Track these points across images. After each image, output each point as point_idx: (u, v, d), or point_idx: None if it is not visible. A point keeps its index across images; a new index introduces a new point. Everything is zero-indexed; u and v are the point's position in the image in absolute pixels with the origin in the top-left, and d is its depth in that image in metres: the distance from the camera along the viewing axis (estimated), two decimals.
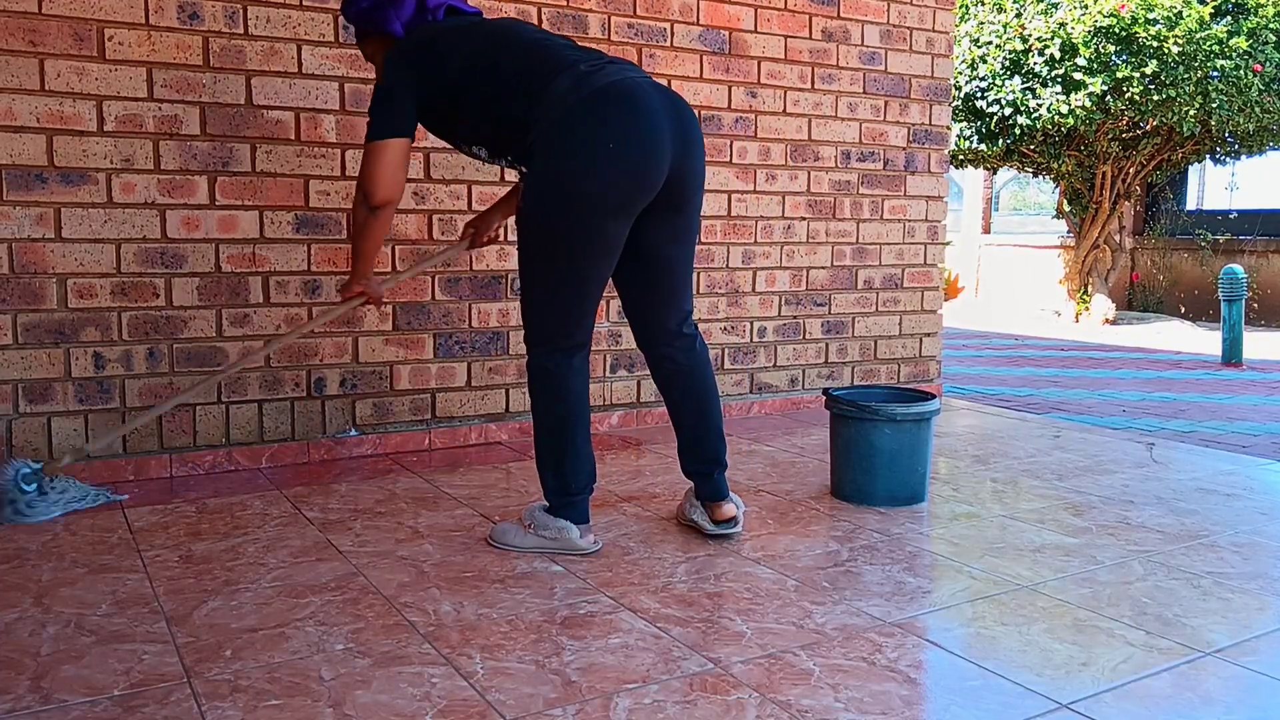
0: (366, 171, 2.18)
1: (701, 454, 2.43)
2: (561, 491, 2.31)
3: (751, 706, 1.61)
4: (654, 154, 2.07)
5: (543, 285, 2.20)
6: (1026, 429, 3.93)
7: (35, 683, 1.67)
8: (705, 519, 2.44)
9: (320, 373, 3.21)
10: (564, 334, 2.24)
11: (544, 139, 2.06)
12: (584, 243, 2.11)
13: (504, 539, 2.36)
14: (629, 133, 2.04)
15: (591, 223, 2.09)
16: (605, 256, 2.17)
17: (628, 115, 2.05)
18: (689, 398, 2.41)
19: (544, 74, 2.09)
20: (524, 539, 2.34)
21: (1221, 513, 2.75)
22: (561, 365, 2.25)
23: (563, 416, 2.27)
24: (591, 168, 2.04)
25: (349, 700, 1.62)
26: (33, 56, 2.75)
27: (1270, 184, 10.06)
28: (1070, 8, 8.06)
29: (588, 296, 2.21)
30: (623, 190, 2.08)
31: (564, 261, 2.15)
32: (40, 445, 2.85)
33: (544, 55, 2.14)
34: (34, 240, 2.80)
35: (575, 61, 2.10)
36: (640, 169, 2.07)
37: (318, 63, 3.11)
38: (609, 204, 2.08)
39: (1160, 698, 1.67)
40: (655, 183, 2.11)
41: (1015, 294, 11.02)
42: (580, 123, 2.03)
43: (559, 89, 2.06)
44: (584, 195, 2.06)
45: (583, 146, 2.03)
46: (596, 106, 2.04)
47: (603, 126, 2.03)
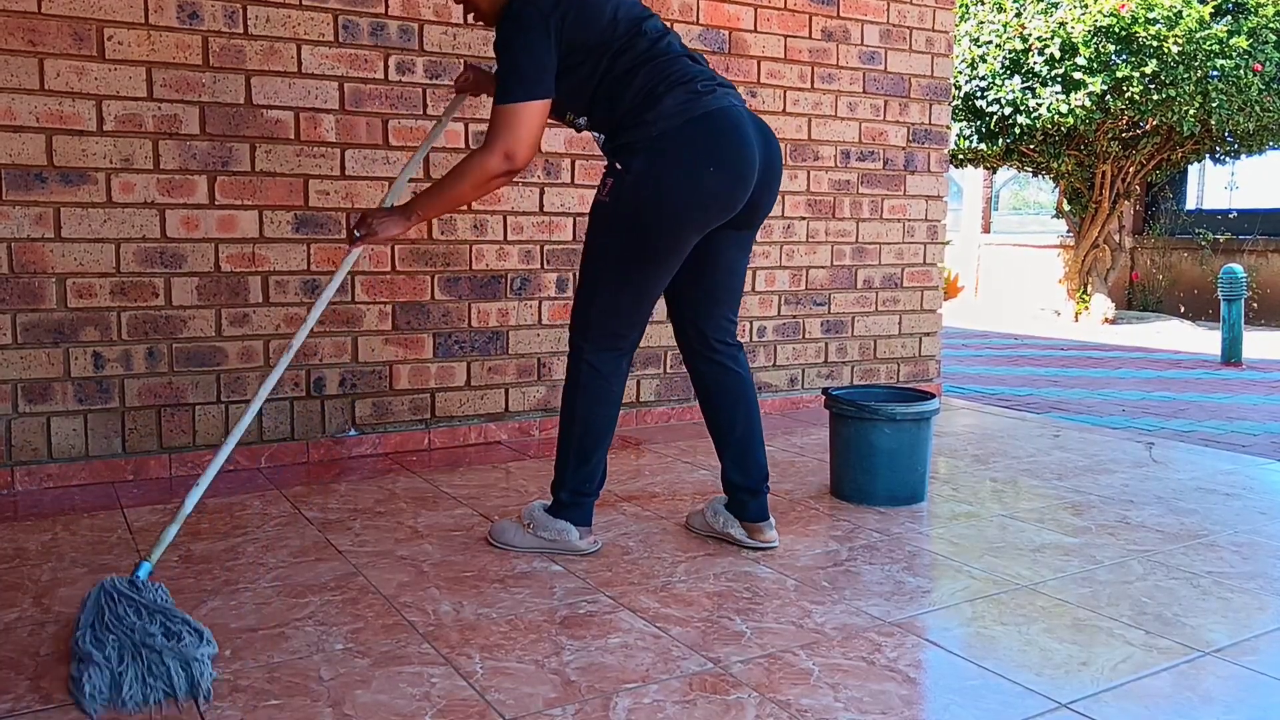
0: (516, 134, 2.05)
1: (751, 468, 2.38)
2: (576, 491, 2.30)
3: (751, 706, 1.61)
4: (745, 182, 2.16)
5: (613, 282, 2.22)
6: (1026, 429, 3.93)
7: (35, 683, 1.67)
8: (743, 534, 2.39)
9: (320, 372, 3.21)
10: (621, 334, 2.26)
11: (651, 143, 2.11)
12: (666, 248, 2.17)
13: (503, 538, 2.37)
14: (730, 160, 2.12)
15: (678, 231, 2.15)
16: (672, 265, 2.22)
17: (732, 143, 2.12)
18: (741, 405, 2.39)
19: (667, 79, 2.13)
20: (523, 539, 2.34)
21: (1221, 512, 2.75)
22: (610, 365, 2.27)
23: (603, 418, 2.29)
24: (692, 183, 2.11)
25: (349, 700, 1.62)
26: (32, 56, 2.75)
27: (1270, 183, 10.06)
28: (1070, 7, 8.06)
29: (650, 300, 2.26)
30: (711, 209, 2.15)
31: (642, 262, 2.18)
32: (39, 445, 2.85)
33: (669, 58, 2.16)
34: (33, 240, 2.80)
35: (694, 76, 2.15)
36: (730, 194, 2.16)
37: (317, 62, 3.11)
38: (694, 219, 2.15)
39: (1160, 697, 1.67)
40: (737, 207, 2.19)
41: (1015, 293, 11.02)
42: (691, 140, 2.10)
43: (676, 100, 2.10)
44: (679, 205, 2.12)
45: (689, 162, 2.10)
46: (709, 129, 2.11)
47: (710, 149, 2.11)
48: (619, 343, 2.27)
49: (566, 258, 3.59)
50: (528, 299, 3.53)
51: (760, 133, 2.19)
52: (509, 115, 2.06)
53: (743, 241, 2.32)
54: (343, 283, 3.20)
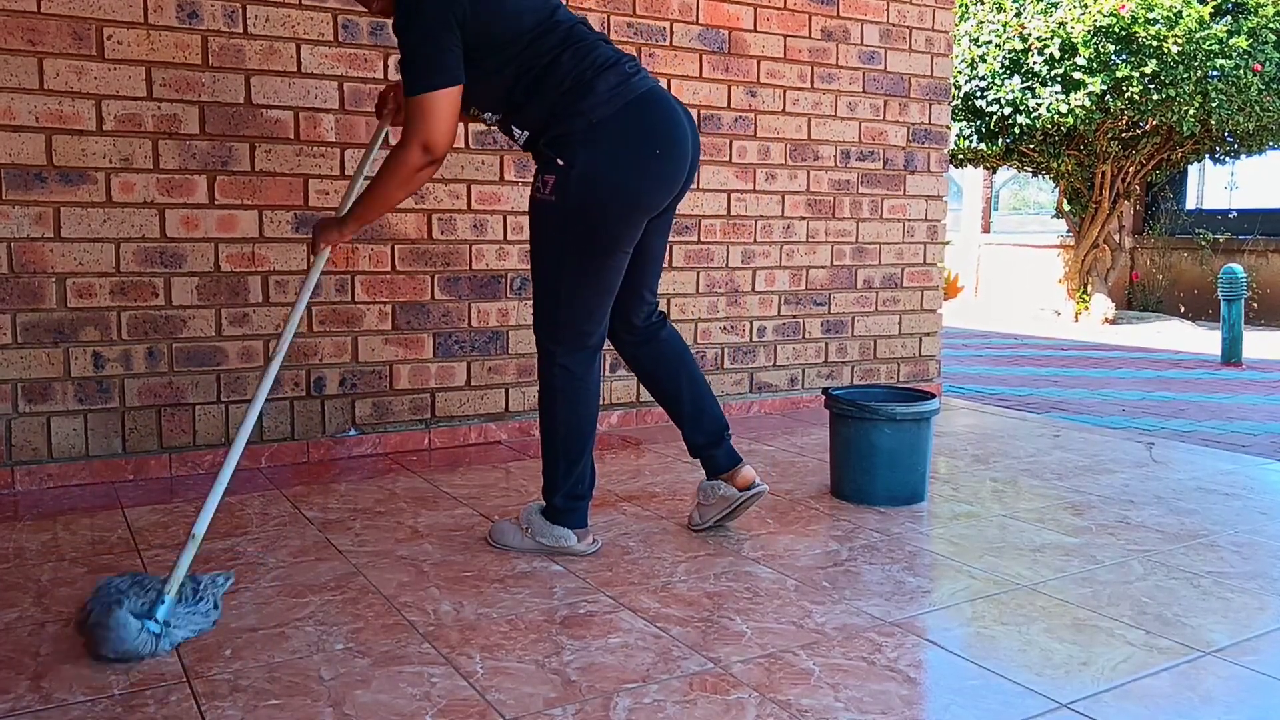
0: (430, 124, 2.01)
1: (707, 422, 2.42)
2: (570, 495, 2.30)
3: (751, 706, 1.61)
4: (685, 161, 2.18)
5: (572, 280, 2.18)
6: (1026, 428, 3.93)
7: (35, 682, 1.67)
8: (733, 491, 2.42)
9: (320, 372, 3.21)
10: (587, 331, 2.23)
11: (591, 132, 2.06)
12: (621, 237, 2.16)
13: (503, 540, 2.36)
14: (671, 140, 2.13)
15: (631, 219, 2.14)
16: (629, 249, 2.21)
17: (669, 124, 2.13)
18: (682, 368, 2.43)
19: (594, 64, 2.09)
20: (522, 543, 2.33)
21: (1221, 512, 2.75)
22: (583, 365, 2.24)
23: (584, 418, 2.27)
24: (637, 168, 2.10)
25: (349, 700, 1.62)
26: (32, 56, 2.75)
27: (1270, 183, 10.06)
28: (1070, 7, 8.06)
29: (612, 291, 2.23)
30: (659, 192, 2.16)
31: (600, 256, 2.16)
32: (40, 445, 2.85)
33: (589, 43, 2.12)
34: (33, 240, 2.79)
35: (619, 59, 2.13)
36: (675, 175, 2.17)
37: (317, 62, 3.11)
38: (646, 203, 2.15)
39: (1160, 697, 1.67)
40: (678, 188, 2.21)
41: (1015, 293, 11.02)
42: (631, 125, 2.08)
43: (608, 85, 2.07)
44: (630, 192, 2.11)
45: (631, 146, 2.09)
46: (645, 111, 2.10)
47: (651, 132, 2.10)
48: (588, 340, 2.24)
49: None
50: (528, 299, 3.53)
51: (685, 113, 2.19)
52: (420, 106, 2.01)
53: (663, 226, 2.31)
54: (342, 283, 3.20)
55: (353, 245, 3.21)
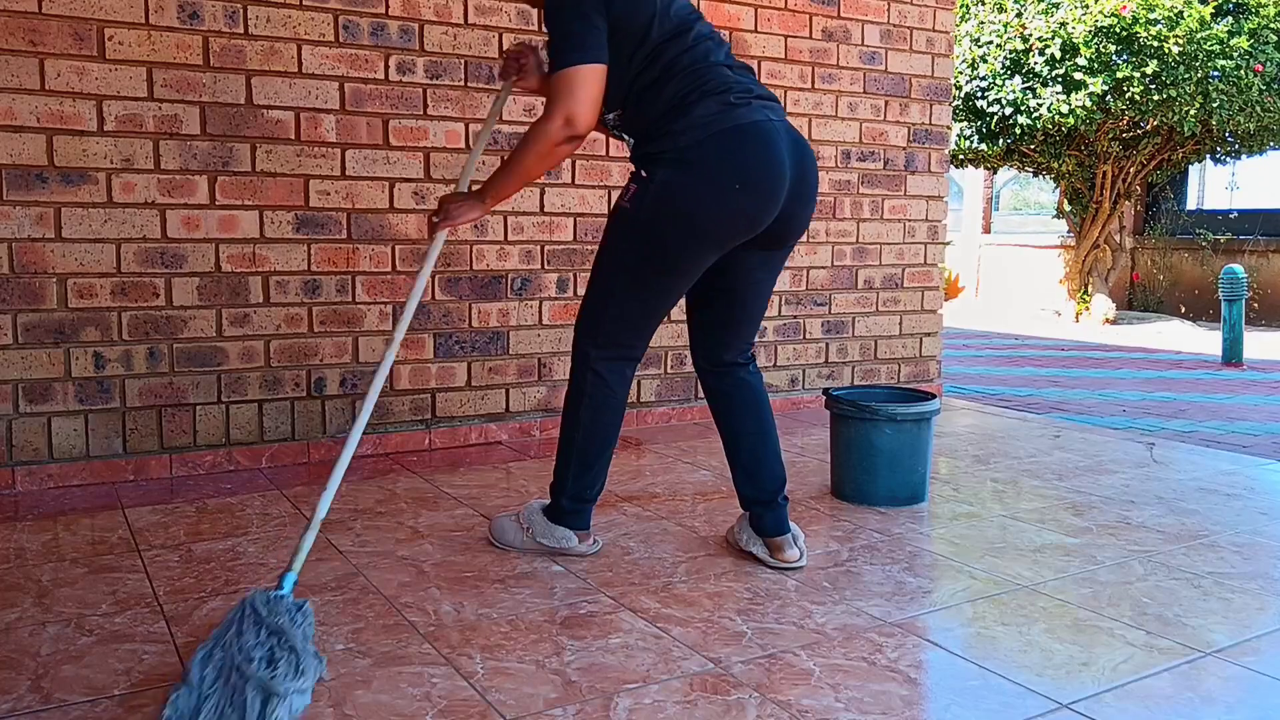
0: (576, 96, 1.97)
1: (763, 479, 2.28)
2: (576, 496, 2.28)
3: (751, 706, 1.61)
4: (771, 201, 2.08)
5: (625, 288, 2.16)
6: (1027, 429, 3.93)
7: (36, 683, 1.67)
8: (765, 553, 2.28)
9: (320, 373, 3.21)
10: (629, 344, 2.22)
11: (675, 153, 2.04)
12: (680, 262, 2.11)
13: (503, 538, 2.36)
14: (757, 178, 2.04)
15: (693, 247, 2.08)
16: (689, 279, 2.16)
17: (760, 160, 2.04)
18: (751, 417, 2.30)
19: (700, 88, 2.05)
20: (523, 542, 2.33)
21: (1222, 513, 2.75)
22: (614, 373, 2.21)
23: (607, 426, 2.24)
24: (713, 199, 2.03)
25: (349, 700, 1.62)
26: (33, 56, 2.75)
27: (1270, 184, 10.05)
28: (1071, 7, 8.06)
29: (661, 313, 2.21)
30: (731, 228, 2.08)
31: (658, 274, 2.13)
32: (40, 445, 2.85)
33: (705, 66, 2.07)
34: (34, 240, 2.80)
35: (729, 87, 2.06)
36: (753, 213, 2.07)
37: (318, 63, 3.11)
38: (716, 236, 2.08)
39: (1161, 698, 1.66)
40: (760, 227, 2.10)
41: (1015, 294, 11.02)
42: (718, 154, 2.02)
43: (707, 111, 2.03)
44: (698, 221, 2.05)
45: (712, 176, 2.02)
46: (737, 143, 2.03)
47: (738, 165, 2.03)
48: (627, 352, 2.22)
49: (567, 258, 3.59)
50: (528, 299, 3.53)
51: (795, 150, 2.09)
52: (567, 79, 1.98)
53: (770, 262, 2.24)
54: (343, 283, 3.21)
55: (354, 246, 3.21)
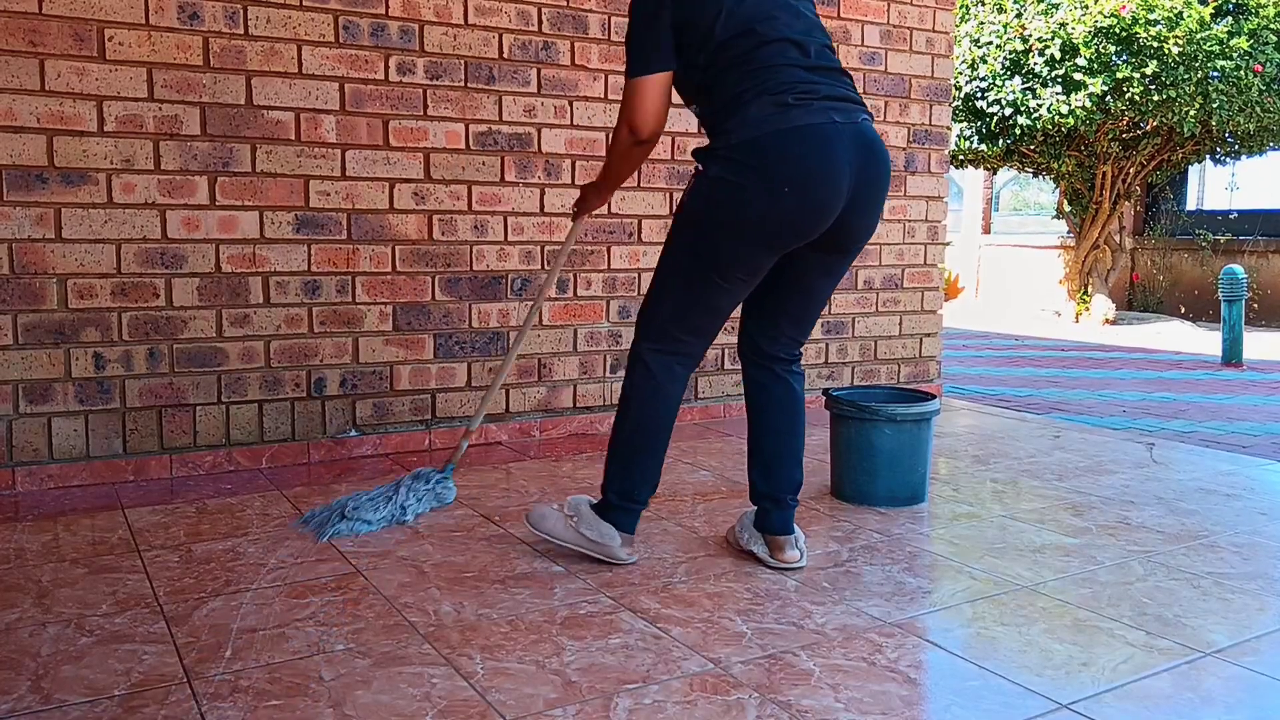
0: (635, 107, 2.09)
1: (780, 477, 2.27)
2: (624, 494, 2.22)
3: (751, 706, 1.61)
4: (823, 207, 2.03)
5: (677, 284, 2.14)
6: (1026, 429, 3.93)
7: (35, 683, 1.67)
8: (765, 552, 2.28)
9: (320, 373, 3.21)
10: (682, 341, 2.18)
11: (727, 151, 2.03)
12: (728, 262, 2.08)
13: (543, 525, 2.30)
14: (807, 182, 2.00)
15: (740, 248, 2.06)
16: (747, 281, 2.13)
17: (813, 165, 2.00)
18: (784, 414, 2.29)
19: (758, 85, 2.02)
20: (564, 531, 2.26)
21: (1221, 513, 2.75)
22: (663, 368, 2.19)
23: (655, 420, 2.20)
24: (761, 201, 2.00)
25: (349, 700, 1.62)
26: (33, 57, 2.76)
27: (1270, 184, 10.06)
28: (1071, 8, 8.06)
29: (717, 316, 2.17)
30: (780, 232, 2.05)
31: (710, 271, 2.10)
32: (40, 445, 2.85)
33: (770, 65, 2.04)
34: (34, 240, 2.80)
35: (789, 87, 2.01)
36: (803, 218, 2.04)
37: (318, 63, 3.11)
38: (764, 239, 2.05)
39: (1160, 698, 1.67)
40: (814, 233, 2.07)
41: (1015, 294, 11.02)
42: (766, 154, 1.99)
43: (761, 111, 2.00)
44: (744, 222, 2.03)
45: (760, 178, 1.99)
46: (788, 145, 1.99)
47: (785, 167, 1.99)
48: (679, 348, 2.18)
49: (567, 258, 3.59)
50: (528, 300, 3.53)
51: (860, 154, 2.04)
52: (629, 90, 2.10)
53: (830, 267, 2.20)
54: (343, 283, 3.21)
55: (354, 246, 3.21)
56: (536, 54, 3.46)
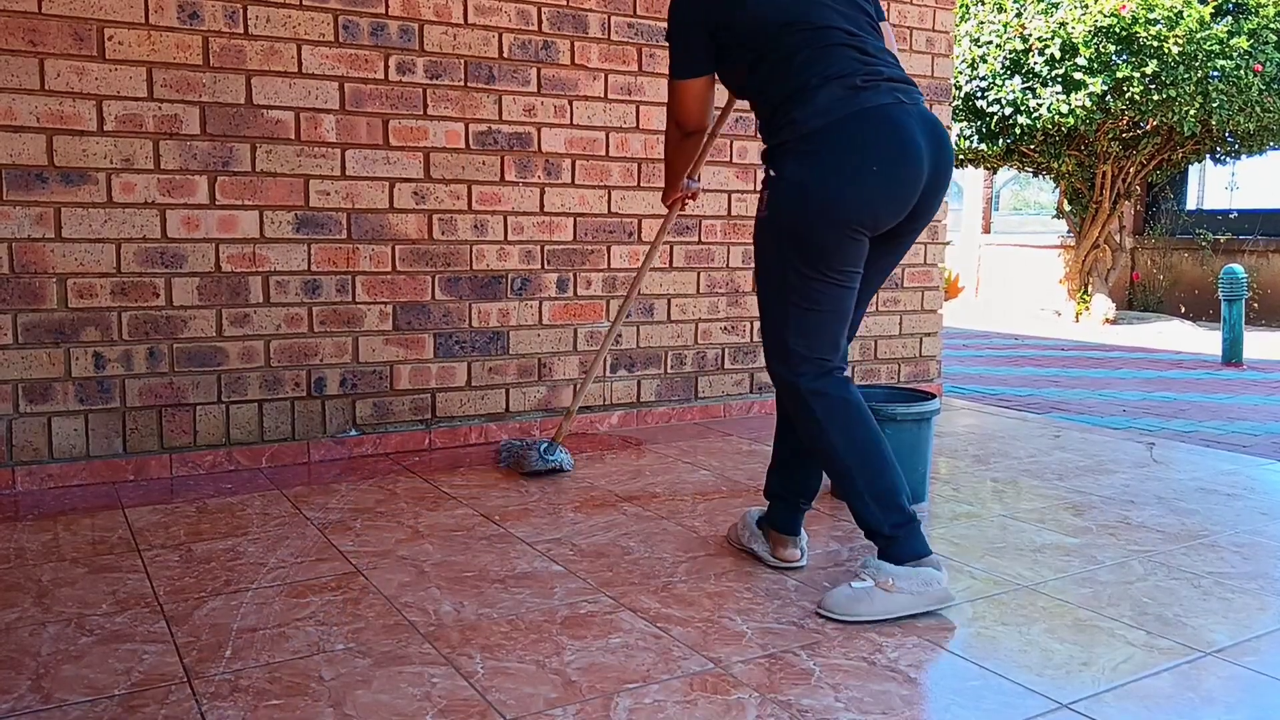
0: (677, 106, 2.23)
1: (799, 478, 2.22)
2: (896, 524, 1.98)
3: (752, 706, 1.61)
4: (914, 180, 1.98)
5: (796, 303, 2.00)
6: (1027, 429, 3.93)
7: (36, 683, 1.67)
8: (766, 551, 2.25)
9: (320, 373, 3.21)
10: (824, 358, 2.03)
11: (799, 143, 1.95)
12: (838, 257, 1.98)
13: (856, 610, 1.95)
14: (892, 157, 1.94)
15: (845, 237, 1.96)
16: (856, 267, 2.02)
17: (893, 141, 1.94)
18: None
19: (823, 72, 1.95)
20: (891, 604, 1.94)
21: (1222, 513, 2.75)
22: (836, 385, 2.03)
23: (863, 430, 2.02)
24: (850, 184, 1.93)
25: (349, 700, 1.62)
26: (33, 56, 2.75)
27: (1270, 184, 10.05)
28: (1070, 7, 8.06)
29: (844, 311, 2.05)
30: (879, 211, 1.98)
31: (817, 276, 1.98)
32: (40, 445, 2.85)
33: (829, 49, 1.98)
34: (34, 240, 2.80)
35: (853, 71, 1.96)
36: (897, 194, 1.98)
37: (318, 63, 3.11)
38: (864, 221, 1.97)
39: (1161, 698, 1.66)
40: (906, 208, 2.01)
41: (1015, 294, 11.02)
42: (843, 139, 1.93)
43: (830, 96, 1.94)
44: (840, 209, 1.94)
45: (842, 162, 1.93)
46: (864, 126, 1.93)
47: (869, 146, 1.93)
48: (828, 364, 2.04)
49: (567, 258, 3.59)
50: (528, 299, 3.53)
51: (929, 133, 1.99)
52: (671, 91, 2.23)
53: (890, 255, 2.14)
54: (343, 283, 3.21)
55: (354, 246, 3.21)
56: (536, 53, 3.46)
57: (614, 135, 3.63)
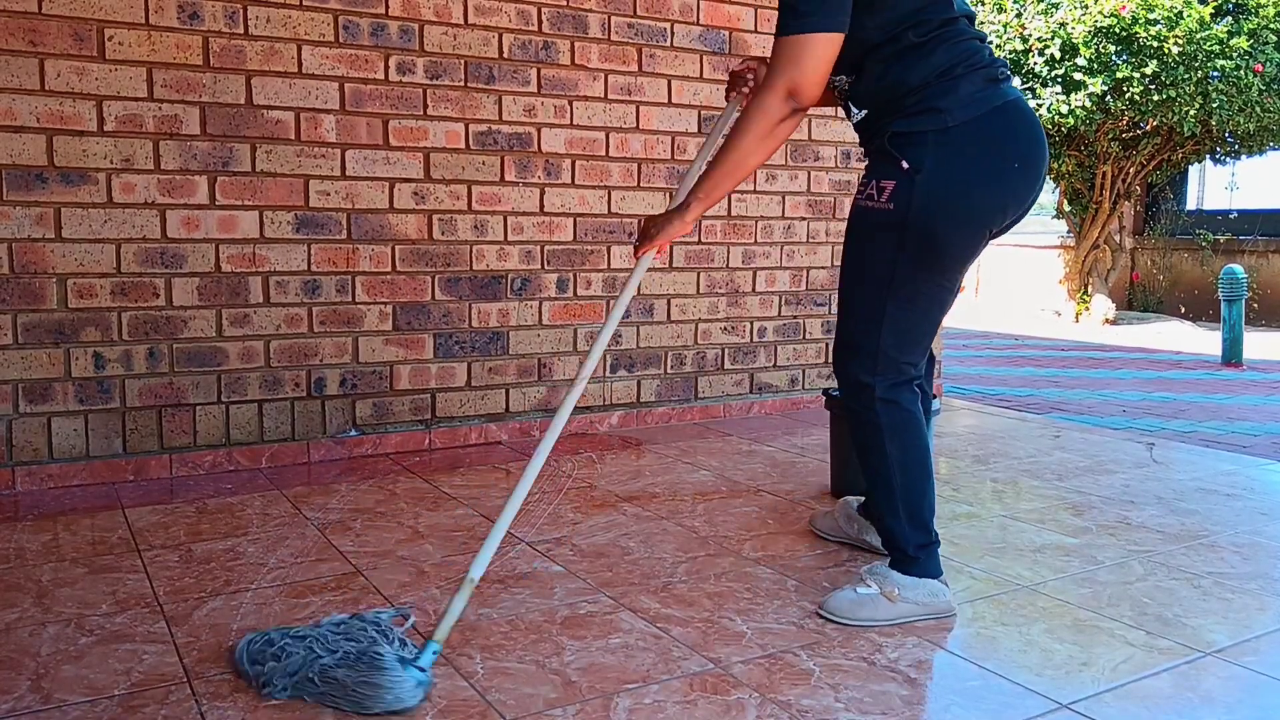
0: (800, 66, 1.77)
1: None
2: (920, 544, 1.98)
3: (751, 706, 1.61)
4: (1041, 179, 1.92)
5: (901, 304, 1.90)
6: (1026, 429, 3.93)
7: (35, 683, 1.67)
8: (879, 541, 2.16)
9: (320, 373, 3.21)
10: (910, 363, 1.96)
11: (945, 135, 1.83)
12: (963, 256, 1.90)
13: (858, 615, 1.95)
14: (1031, 156, 1.89)
15: (976, 236, 1.89)
16: (963, 275, 1.96)
17: (1031, 139, 1.89)
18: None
19: (966, 60, 1.85)
20: (894, 611, 1.94)
21: (1222, 513, 2.75)
22: (907, 398, 1.96)
23: (917, 450, 1.97)
24: (994, 182, 1.86)
25: None
26: (33, 56, 2.75)
27: (1270, 184, 10.06)
28: (1070, 8, 8.06)
29: (942, 315, 1.98)
30: (1010, 209, 1.91)
31: (934, 278, 1.90)
32: (40, 445, 2.85)
33: (965, 38, 1.87)
34: (34, 240, 2.80)
35: (991, 61, 1.88)
36: (1029, 193, 1.92)
37: (318, 63, 3.11)
38: (996, 219, 1.90)
39: (1160, 698, 1.67)
40: (1030, 206, 1.94)
41: (1015, 294, 11.02)
42: (994, 135, 1.85)
43: (975, 87, 1.84)
44: (979, 209, 1.87)
45: (990, 159, 1.85)
46: (1008, 122, 1.86)
47: (1014, 144, 1.87)
48: (910, 370, 1.96)
49: (567, 258, 3.59)
50: (528, 299, 3.53)
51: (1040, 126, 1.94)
52: (794, 46, 1.78)
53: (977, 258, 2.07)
54: (343, 283, 3.21)
55: (354, 246, 3.21)
56: (536, 54, 3.46)
57: (614, 135, 3.64)
